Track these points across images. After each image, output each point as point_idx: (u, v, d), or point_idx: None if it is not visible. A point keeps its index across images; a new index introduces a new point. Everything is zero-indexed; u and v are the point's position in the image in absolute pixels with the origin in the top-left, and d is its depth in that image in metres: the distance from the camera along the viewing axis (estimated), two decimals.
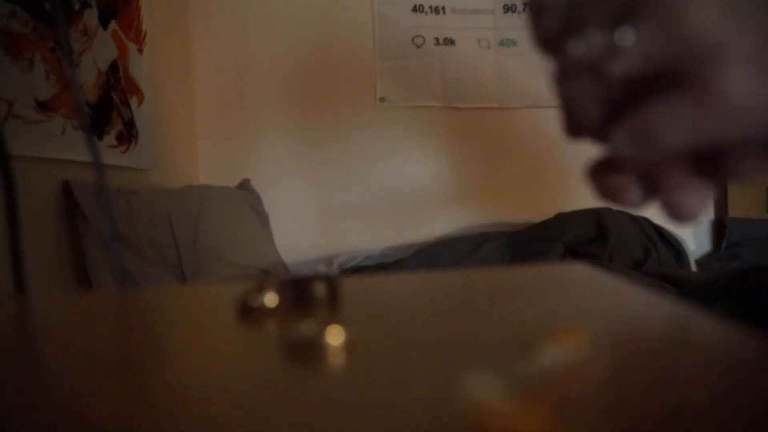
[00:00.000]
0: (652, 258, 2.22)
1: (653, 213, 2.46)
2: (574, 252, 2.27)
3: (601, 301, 0.37)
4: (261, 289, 0.38)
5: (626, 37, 0.24)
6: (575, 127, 0.28)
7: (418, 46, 2.63)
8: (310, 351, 0.27)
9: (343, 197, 2.64)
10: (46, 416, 0.20)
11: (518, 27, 2.63)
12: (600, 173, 0.28)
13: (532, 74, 2.60)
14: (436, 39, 2.63)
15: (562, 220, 2.41)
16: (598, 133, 0.27)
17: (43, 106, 1.55)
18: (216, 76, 2.61)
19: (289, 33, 2.60)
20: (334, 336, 0.28)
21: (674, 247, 2.33)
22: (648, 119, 0.25)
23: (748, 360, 0.23)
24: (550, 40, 0.27)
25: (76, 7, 1.73)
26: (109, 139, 1.87)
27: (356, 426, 0.18)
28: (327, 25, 2.61)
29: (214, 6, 2.61)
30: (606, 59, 0.24)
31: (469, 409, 0.17)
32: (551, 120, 2.63)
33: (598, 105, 0.26)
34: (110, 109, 1.89)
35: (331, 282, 0.41)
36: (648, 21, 0.24)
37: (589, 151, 0.28)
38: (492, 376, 0.18)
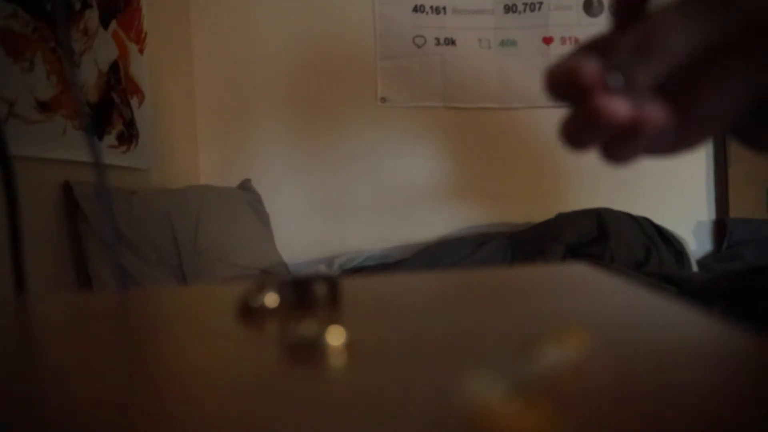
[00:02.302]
0: (653, 258, 2.22)
1: (654, 213, 2.46)
2: (575, 252, 2.27)
3: (601, 301, 0.36)
4: (261, 290, 0.38)
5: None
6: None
7: (419, 46, 2.63)
8: (311, 352, 0.27)
9: (343, 197, 2.64)
10: (46, 417, 0.20)
11: (519, 27, 2.63)
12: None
13: (532, 74, 2.59)
14: (437, 39, 2.63)
15: (563, 220, 2.41)
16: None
17: (43, 107, 1.55)
18: (216, 75, 2.60)
19: (290, 33, 2.60)
20: (335, 337, 0.28)
21: (675, 247, 2.33)
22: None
23: (748, 361, 0.22)
24: None
25: (77, 7, 1.73)
26: (110, 139, 1.87)
27: (357, 426, 0.18)
28: (328, 25, 2.61)
29: (215, 6, 2.61)
30: None
31: (470, 409, 0.17)
32: (552, 120, 2.63)
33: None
34: (111, 110, 1.89)
35: (332, 282, 0.40)
36: None
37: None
38: (493, 377, 0.18)
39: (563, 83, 0.30)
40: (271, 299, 0.38)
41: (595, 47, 0.31)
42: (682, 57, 0.29)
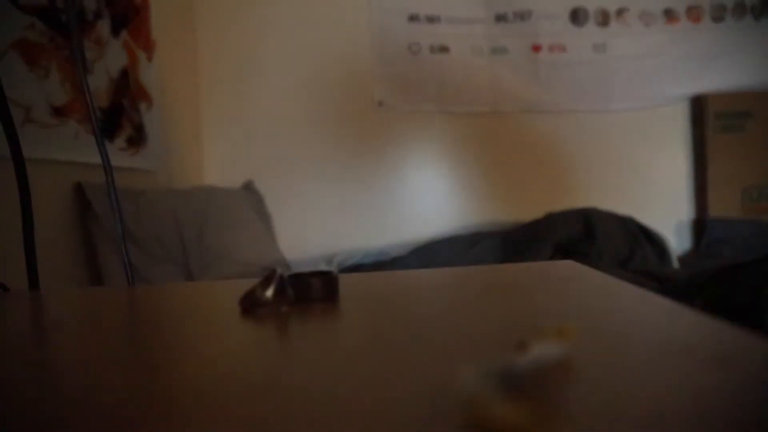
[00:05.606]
0: (637, 256, 2.25)
1: (638, 213, 2.50)
2: (564, 250, 2.30)
3: (589, 297, 0.37)
4: (263, 286, 0.39)
5: None
6: None
7: (414, 53, 2.67)
8: (310, 345, 0.28)
9: (342, 197, 2.67)
10: (56, 409, 0.20)
11: (509, 36, 2.67)
12: None
13: (522, 80, 2.64)
14: (432, 46, 2.67)
15: (552, 219, 2.43)
16: None
17: (57, 112, 1.61)
18: (221, 82, 2.64)
19: (291, 40, 2.64)
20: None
21: (658, 245, 2.36)
22: None
23: (726, 351, 0.23)
24: None
25: (90, 18, 1.79)
26: (120, 142, 1.92)
27: (353, 420, 0.17)
28: (328, 33, 2.65)
29: (220, 15, 2.64)
30: None
31: (462, 405, 0.17)
32: (541, 123, 2.68)
33: None
34: (121, 114, 1.94)
35: (330, 278, 0.41)
36: None
37: (580, 152, 0.32)
38: (484, 372, 0.18)
39: None
40: (273, 294, 0.38)
41: None
42: None
